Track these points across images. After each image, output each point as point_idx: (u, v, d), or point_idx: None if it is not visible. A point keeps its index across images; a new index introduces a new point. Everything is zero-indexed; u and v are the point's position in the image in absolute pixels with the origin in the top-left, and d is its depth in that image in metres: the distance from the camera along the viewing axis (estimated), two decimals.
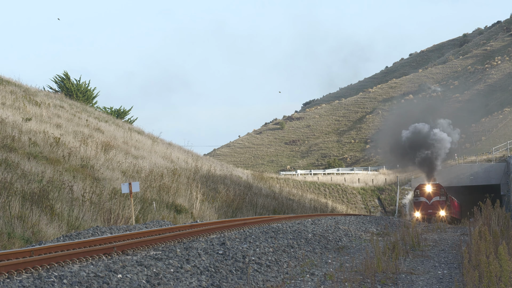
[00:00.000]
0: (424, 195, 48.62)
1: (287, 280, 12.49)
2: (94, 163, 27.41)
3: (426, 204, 48.28)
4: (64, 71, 58.18)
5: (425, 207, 48.12)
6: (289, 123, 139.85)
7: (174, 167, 34.50)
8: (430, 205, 47.95)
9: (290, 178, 68.70)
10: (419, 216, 47.24)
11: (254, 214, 32.50)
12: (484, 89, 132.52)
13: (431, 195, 48.43)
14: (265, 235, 16.75)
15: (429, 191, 48.47)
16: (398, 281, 12.78)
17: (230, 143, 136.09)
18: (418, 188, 49.92)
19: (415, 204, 49.17)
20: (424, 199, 48.48)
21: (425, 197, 48.49)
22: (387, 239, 19.65)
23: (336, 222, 23.94)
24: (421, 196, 48.64)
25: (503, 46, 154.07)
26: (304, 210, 40.87)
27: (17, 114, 31.56)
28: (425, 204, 48.33)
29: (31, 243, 15.76)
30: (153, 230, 16.46)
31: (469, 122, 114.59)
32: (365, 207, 66.50)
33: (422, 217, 46.81)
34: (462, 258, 14.66)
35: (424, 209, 47.89)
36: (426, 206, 48.20)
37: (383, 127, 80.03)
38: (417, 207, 48.44)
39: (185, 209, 27.04)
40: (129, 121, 59.80)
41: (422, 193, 48.76)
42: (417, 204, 48.74)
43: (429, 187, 48.89)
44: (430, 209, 47.50)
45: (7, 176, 19.12)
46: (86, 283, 9.92)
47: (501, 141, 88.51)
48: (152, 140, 44.85)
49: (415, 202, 49.53)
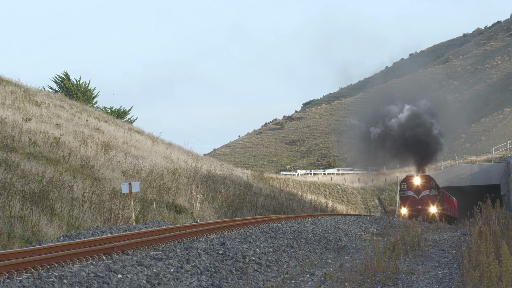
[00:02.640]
0: (412, 189, 42.96)
1: (287, 280, 12.49)
2: (94, 163, 27.41)
3: (414, 199, 42.65)
4: (64, 71, 58.27)
5: (412, 202, 42.59)
6: (289, 123, 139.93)
7: (174, 167, 34.50)
8: (418, 200, 42.46)
9: (290, 178, 68.75)
10: (405, 212, 42.25)
11: (254, 214, 32.50)
12: (484, 89, 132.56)
13: (420, 188, 42.77)
14: (265, 235, 16.75)
15: (417, 184, 42.82)
16: (398, 281, 12.78)
17: (230, 143, 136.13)
18: (405, 180, 44.03)
19: (402, 199, 43.59)
20: (411, 193, 42.85)
21: (413, 191, 42.86)
22: (387, 239, 19.65)
23: (336, 222, 23.94)
24: (409, 189, 43.04)
25: (503, 46, 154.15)
26: (304, 210, 40.87)
27: (17, 114, 31.55)
28: (413, 199, 42.69)
29: (31, 243, 15.76)
30: (153, 230, 16.46)
31: (469, 122, 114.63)
32: (365, 207, 66.52)
33: (409, 214, 41.89)
34: (462, 258, 14.65)
35: (412, 204, 42.48)
36: (414, 201, 42.62)
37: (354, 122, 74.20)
38: (404, 202, 43.07)
39: (185, 209, 27.04)
40: (129, 121, 59.82)
41: (409, 186, 43.12)
42: (404, 199, 43.25)
43: (417, 179, 43.10)
44: (419, 205, 42.21)
45: (7, 176, 19.12)
46: (86, 283, 9.92)
47: (501, 141, 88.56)
48: (152, 140, 44.86)
49: (401, 197, 43.83)
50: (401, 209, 42.85)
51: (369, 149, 54.13)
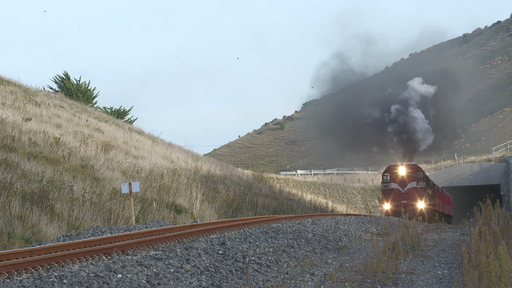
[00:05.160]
0: (396, 181, 36.78)
1: (287, 280, 12.49)
2: (94, 163, 27.42)
3: (399, 193, 36.59)
4: (64, 71, 58.28)
5: (397, 196, 36.60)
6: (289, 123, 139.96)
7: (174, 167, 34.52)
8: (404, 194, 36.46)
9: (290, 178, 68.84)
10: (388, 208, 36.47)
11: (254, 214, 32.50)
12: (484, 89, 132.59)
13: (406, 180, 36.63)
14: (265, 235, 16.75)
15: (402, 175, 36.65)
16: (398, 281, 12.79)
17: (230, 143, 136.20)
18: (387, 171, 37.65)
19: (384, 193, 37.29)
20: (395, 185, 36.78)
21: (397, 183, 36.73)
22: (387, 239, 19.66)
23: (336, 222, 23.94)
24: (392, 181, 36.87)
25: (503, 46, 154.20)
26: (304, 210, 40.86)
27: (17, 114, 31.57)
28: (397, 193, 36.64)
29: (31, 243, 15.76)
30: (153, 230, 16.46)
31: (469, 122, 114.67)
32: (365, 207, 66.53)
33: (392, 210, 36.14)
34: (462, 258, 14.66)
35: (396, 199, 36.53)
36: (399, 195, 36.59)
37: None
38: (387, 196, 36.92)
39: (185, 209, 27.05)
40: (129, 121, 59.86)
41: (393, 178, 36.93)
42: (387, 192, 37.04)
43: (402, 169, 36.78)
44: (404, 199, 36.27)
45: (7, 176, 19.13)
46: (86, 283, 9.93)
47: (501, 141, 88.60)
48: (152, 140, 44.89)
49: (384, 190, 37.38)
50: (383, 204, 37.31)
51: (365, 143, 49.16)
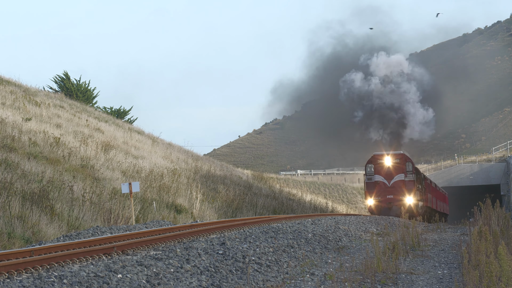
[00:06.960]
0: (381, 173, 32.35)
1: (287, 280, 12.49)
2: (94, 163, 27.43)
3: (384, 187, 32.26)
4: (64, 71, 58.25)
5: (382, 190, 32.26)
6: (289, 123, 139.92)
7: (174, 167, 34.52)
8: (390, 187, 32.15)
9: (290, 178, 68.86)
10: (372, 204, 32.31)
11: (254, 214, 32.50)
12: (484, 89, 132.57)
13: (392, 171, 32.15)
14: (265, 235, 16.75)
15: (388, 166, 32.13)
16: (398, 281, 12.79)
17: (230, 143, 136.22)
18: (371, 161, 32.93)
19: (368, 187, 32.84)
20: (380, 178, 32.31)
21: (383, 175, 32.31)
22: (387, 239, 19.66)
23: (336, 222, 23.93)
24: (377, 173, 32.46)
25: (503, 46, 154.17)
26: (304, 210, 40.87)
27: (17, 114, 31.57)
28: (383, 187, 32.30)
29: (31, 243, 15.77)
30: (153, 230, 16.46)
31: (469, 122, 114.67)
32: (365, 207, 66.52)
33: (377, 206, 32.11)
34: (462, 258, 14.66)
35: (381, 193, 32.20)
36: (384, 189, 32.23)
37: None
38: (370, 191, 32.52)
39: (185, 209, 27.06)
40: (129, 121, 59.86)
41: (377, 169, 32.45)
42: (370, 186, 32.62)
43: (388, 159, 32.20)
44: (390, 194, 31.98)
45: (7, 176, 19.13)
46: (86, 283, 9.93)
47: (501, 141, 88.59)
48: (152, 140, 44.89)
49: (367, 183, 32.91)
50: (367, 199, 33.02)
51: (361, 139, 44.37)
